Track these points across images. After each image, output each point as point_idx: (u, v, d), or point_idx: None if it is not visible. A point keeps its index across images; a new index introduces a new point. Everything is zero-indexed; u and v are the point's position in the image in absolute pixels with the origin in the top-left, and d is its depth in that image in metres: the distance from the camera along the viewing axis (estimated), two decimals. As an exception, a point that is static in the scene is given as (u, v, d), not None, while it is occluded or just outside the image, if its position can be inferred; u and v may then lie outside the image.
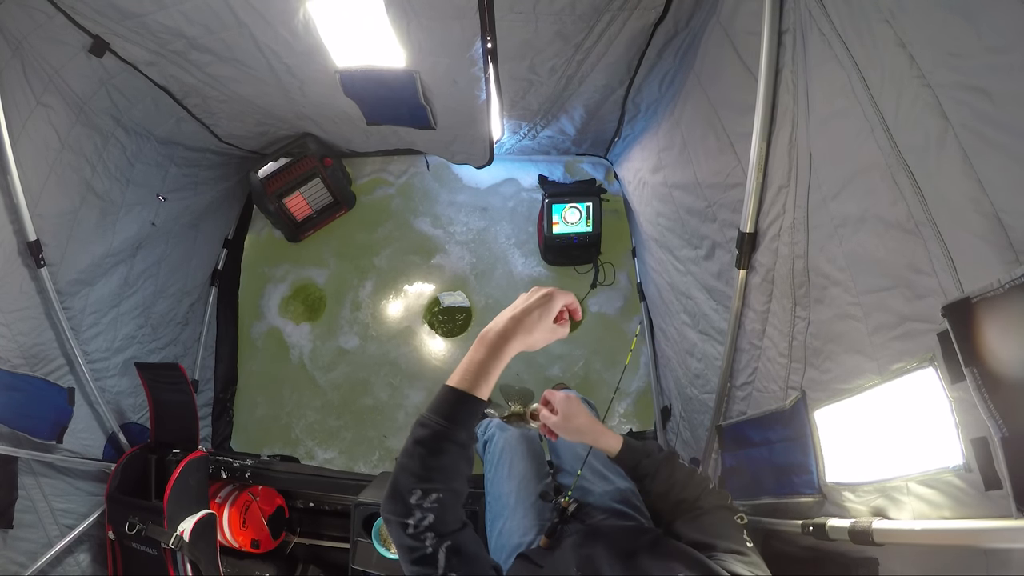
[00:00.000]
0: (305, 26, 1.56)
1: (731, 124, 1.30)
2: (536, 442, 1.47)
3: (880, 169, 0.81)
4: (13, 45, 1.47)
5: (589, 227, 2.45)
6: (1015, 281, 0.57)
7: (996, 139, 0.61)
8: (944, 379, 0.73)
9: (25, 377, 1.62)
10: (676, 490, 0.97)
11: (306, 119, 2.30)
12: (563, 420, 1.03)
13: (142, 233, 2.06)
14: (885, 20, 0.75)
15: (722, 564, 0.77)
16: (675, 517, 0.96)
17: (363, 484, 1.76)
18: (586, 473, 1.31)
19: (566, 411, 1.03)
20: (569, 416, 1.03)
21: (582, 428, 1.03)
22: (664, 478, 0.98)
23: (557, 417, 1.03)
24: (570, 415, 1.03)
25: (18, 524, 1.56)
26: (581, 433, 1.03)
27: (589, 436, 1.04)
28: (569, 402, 1.04)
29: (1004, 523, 0.64)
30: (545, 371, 2.55)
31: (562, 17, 1.49)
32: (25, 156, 1.54)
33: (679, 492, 0.96)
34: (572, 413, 1.03)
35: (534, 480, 1.35)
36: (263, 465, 2.08)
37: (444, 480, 0.70)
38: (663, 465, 1.00)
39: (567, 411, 1.03)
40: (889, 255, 0.82)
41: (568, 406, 1.04)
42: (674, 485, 0.97)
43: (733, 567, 0.77)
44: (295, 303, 2.81)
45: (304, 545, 2.16)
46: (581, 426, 1.03)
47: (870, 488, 0.93)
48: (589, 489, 1.29)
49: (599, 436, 1.04)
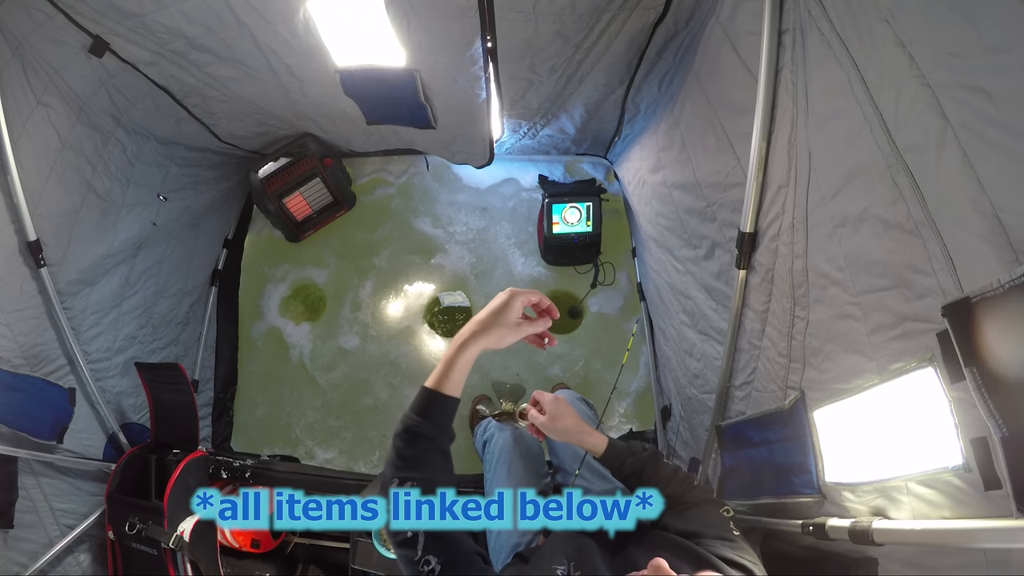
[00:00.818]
0: (305, 26, 1.56)
1: (730, 124, 1.30)
2: (535, 442, 1.47)
3: (879, 169, 0.80)
4: (13, 45, 1.47)
5: (589, 227, 2.45)
6: (1015, 281, 0.57)
7: (996, 139, 0.61)
8: (943, 379, 0.73)
9: (26, 377, 1.62)
10: (662, 487, 0.98)
11: (306, 119, 2.30)
12: (550, 421, 1.05)
13: (143, 233, 2.06)
14: (884, 20, 0.75)
15: (709, 549, 0.79)
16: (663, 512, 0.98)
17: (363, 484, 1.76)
18: (584, 472, 1.32)
19: (553, 412, 1.05)
20: (555, 417, 1.05)
21: (568, 429, 1.05)
22: (649, 475, 1.00)
23: (544, 417, 1.05)
24: (556, 416, 1.05)
25: (18, 524, 1.56)
26: (568, 434, 1.05)
27: (575, 437, 1.05)
28: (557, 403, 1.06)
29: (1004, 523, 0.64)
30: (545, 371, 2.55)
31: (562, 17, 1.49)
32: (26, 156, 1.54)
33: (665, 488, 0.98)
34: (559, 414, 1.05)
35: (532, 480, 1.35)
36: (263, 465, 2.08)
37: (419, 470, 0.78)
38: (648, 463, 1.01)
39: (554, 412, 1.05)
40: (888, 255, 0.82)
41: (555, 407, 1.06)
42: (659, 482, 0.99)
43: (720, 551, 0.78)
44: (295, 303, 2.81)
45: (304, 545, 2.16)
46: (567, 427, 1.05)
47: (869, 488, 0.93)
48: (588, 488, 1.29)
49: (584, 437, 1.05)
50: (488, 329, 0.82)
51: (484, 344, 0.82)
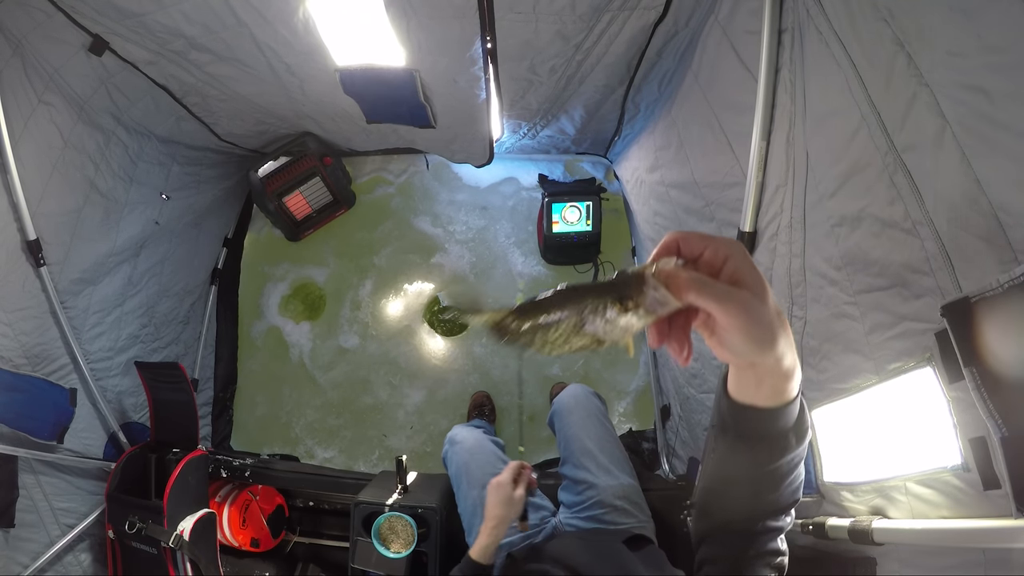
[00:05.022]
0: (305, 25, 1.56)
1: (729, 123, 1.29)
2: (484, 447, 1.49)
3: (877, 168, 0.80)
4: (13, 44, 1.47)
5: (589, 226, 2.45)
6: (1014, 281, 0.57)
7: (994, 138, 0.61)
8: (942, 379, 0.73)
9: (27, 378, 1.62)
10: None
11: (306, 118, 2.30)
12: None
13: (146, 232, 2.07)
14: (883, 19, 0.75)
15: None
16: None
17: (363, 483, 1.76)
18: (591, 467, 1.32)
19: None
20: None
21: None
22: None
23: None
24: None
25: (19, 524, 1.56)
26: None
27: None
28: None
29: (1003, 523, 0.64)
30: (545, 371, 2.55)
31: (562, 17, 1.48)
32: (28, 155, 1.54)
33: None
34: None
35: None
36: (263, 464, 2.08)
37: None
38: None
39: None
40: (886, 254, 0.82)
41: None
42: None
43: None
44: (295, 302, 2.81)
45: (304, 544, 2.16)
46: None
47: (868, 488, 0.93)
48: (593, 483, 1.30)
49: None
50: (507, 520, 1.11)
51: (505, 523, 1.12)
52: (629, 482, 1.31)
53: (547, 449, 2.41)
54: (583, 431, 1.42)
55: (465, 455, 1.46)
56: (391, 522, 1.52)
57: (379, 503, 1.54)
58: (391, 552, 1.50)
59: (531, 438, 2.43)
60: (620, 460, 1.38)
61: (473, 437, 1.52)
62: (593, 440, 1.39)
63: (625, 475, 1.33)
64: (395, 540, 1.52)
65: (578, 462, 1.36)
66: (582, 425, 1.44)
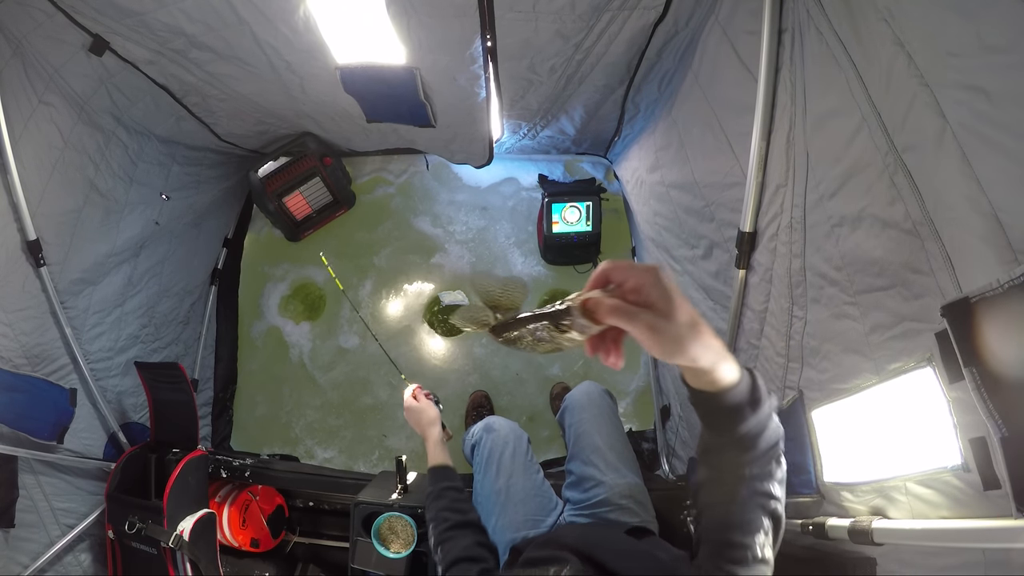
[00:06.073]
0: (305, 23, 1.56)
1: (729, 123, 1.29)
2: (522, 440, 1.49)
3: (877, 168, 0.80)
4: (13, 44, 1.47)
5: (589, 226, 2.45)
6: (1014, 281, 0.57)
7: (995, 138, 0.61)
8: (942, 379, 0.72)
9: (27, 378, 1.62)
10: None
11: (306, 117, 2.30)
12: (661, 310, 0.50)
13: (146, 232, 2.07)
14: (883, 19, 0.75)
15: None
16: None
17: (363, 483, 1.76)
18: (600, 464, 1.32)
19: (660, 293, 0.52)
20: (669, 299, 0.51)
21: (693, 319, 0.52)
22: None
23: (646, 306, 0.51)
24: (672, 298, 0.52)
25: (19, 524, 1.56)
26: (690, 331, 0.52)
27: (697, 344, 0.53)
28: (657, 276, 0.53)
29: (1003, 523, 0.64)
30: (545, 371, 2.55)
31: (562, 16, 1.48)
32: (28, 155, 1.54)
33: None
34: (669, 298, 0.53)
35: (523, 476, 1.36)
36: (263, 464, 2.08)
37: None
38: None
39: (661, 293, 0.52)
40: (886, 254, 0.82)
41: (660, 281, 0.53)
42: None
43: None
44: (295, 302, 2.81)
45: (304, 544, 2.16)
46: (690, 317, 0.51)
47: (868, 488, 0.93)
48: (600, 480, 1.30)
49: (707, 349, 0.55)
50: (437, 431, 1.38)
51: (419, 428, 1.40)
52: (636, 481, 1.31)
53: (547, 449, 2.41)
54: (594, 428, 1.42)
55: (501, 444, 1.45)
56: (391, 522, 1.52)
57: (379, 503, 1.55)
58: (391, 552, 1.50)
59: (531, 438, 2.42)
60: (628, 459, 1.38)
61: (510, 428, 1.52)
62: (603, 437, 1.39)
63: (633, 474, 1.33)
64: (395, 540, 1.52)
65: (586, 459, 1.36)
66: (593, 422, 1.43)
